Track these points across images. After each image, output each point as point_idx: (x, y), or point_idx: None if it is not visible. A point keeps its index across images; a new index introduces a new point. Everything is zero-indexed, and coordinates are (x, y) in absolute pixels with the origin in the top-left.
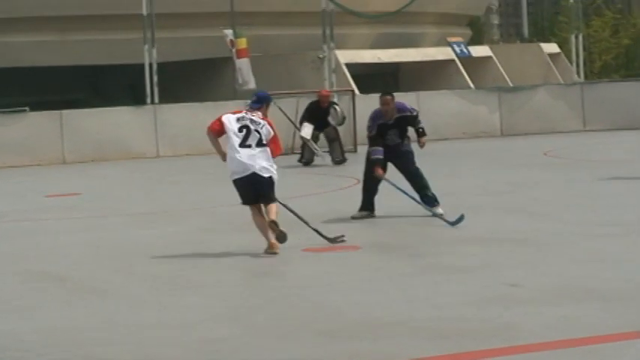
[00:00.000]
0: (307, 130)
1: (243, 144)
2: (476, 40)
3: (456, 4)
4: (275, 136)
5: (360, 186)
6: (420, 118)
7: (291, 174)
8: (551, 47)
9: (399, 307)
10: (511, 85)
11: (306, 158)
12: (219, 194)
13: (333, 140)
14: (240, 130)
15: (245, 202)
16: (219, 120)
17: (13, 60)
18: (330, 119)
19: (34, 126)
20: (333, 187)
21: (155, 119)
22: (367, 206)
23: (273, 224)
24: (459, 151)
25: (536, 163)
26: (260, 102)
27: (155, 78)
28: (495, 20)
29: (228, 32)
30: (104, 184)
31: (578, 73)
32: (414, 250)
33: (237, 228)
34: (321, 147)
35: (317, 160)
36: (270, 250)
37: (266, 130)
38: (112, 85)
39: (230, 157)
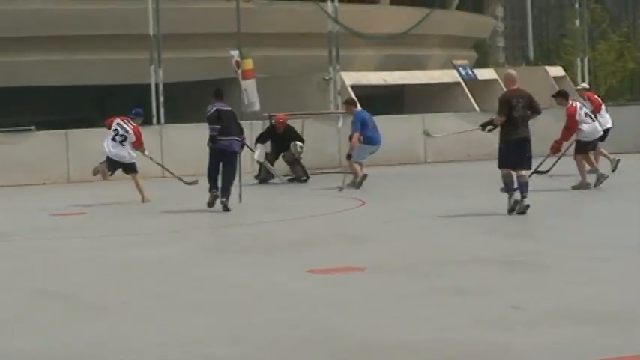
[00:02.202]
0: (259, 152)
1: (114, 139)
2: (481, 63)
3: (461, 27)
4: (137, 140)
5: (362, 207)
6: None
7: (296, 195)
8: (557, 70)
9: (402, 328)
10: None
11: (262, 176)
12: (224, 214)
13: (293, 163)
14: (114, 130)
15: (110, 169)
16: (112, 121)
17: (19, 79)
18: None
19: (40, 145)
20: (338, 209)
21: (161, 139)
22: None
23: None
24: (464, 174)
25: (542, 186)
26: (138, 115)
27: (161, 98)
28: (501, 43)
29: (234, 53)
30: (109, 203)
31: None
32: (418, 271)
33: (242, 248)
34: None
35: (274, 180)
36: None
37: (130, 137)
38: (118, 105)
39: (107, 143)
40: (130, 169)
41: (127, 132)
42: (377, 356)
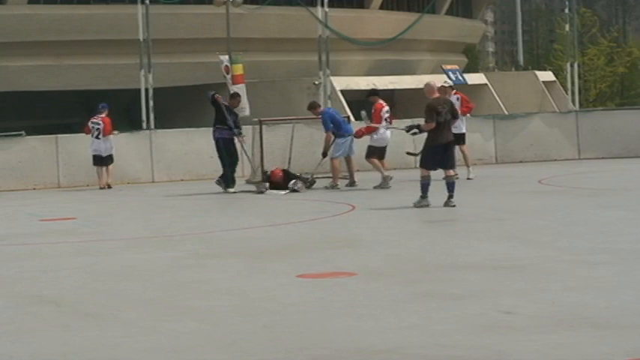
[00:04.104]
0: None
1: (94, 136)
2: (471, 68)
3: (451, 32)
4: (106, 126)
5: (353, 212)
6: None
7: (286, 200)
8: (547, 75)
9: (393, 333)
10: (506, 112)
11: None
12: (214, 219)
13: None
14: (93, 128)
15: (95, 164)
16: (88, 126)
17: (9, 84)
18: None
19: (30, 150)
20: (328, 214)
21: (151, 144)
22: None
23: (108, 178)
24: None
25: (531, 191)
26: (104, 108)
27: (151, 103)
28: (491, 48)
29: (224, 58)
30: (99, 208)
31: (573, 101)
32: (410, 277)
33: (232, 253)
34: None
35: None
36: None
37: (102, 127)
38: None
39: (92, 142)
40: (107, 160)
41: (98, 124)
42: None
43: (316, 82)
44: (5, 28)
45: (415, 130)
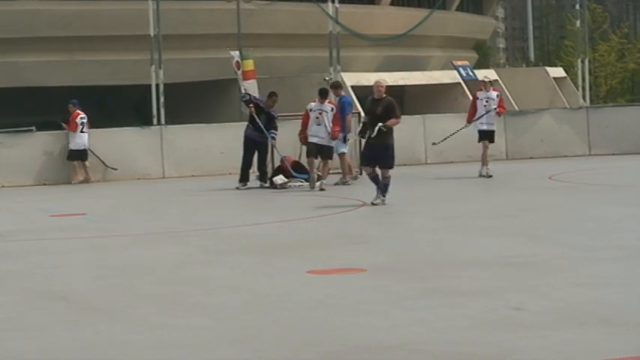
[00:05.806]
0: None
1: (82, 130)
2: (482, 64)
3: (462, 28)
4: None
5: (362, 208)
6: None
7: (295, 196)
8: (557, 71)
9: (402, 330)
10: (517, 108)
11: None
12: (224, 215)
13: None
14: (80, 124)
15: (75, 158)
16: (75, 122)
17: (19, 80)
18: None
19: (40, 146)
20: (337, 210)
21: (161, 140)
22: (245, 177)
23: (88, 171)
24: (464, 175)
25: (541, 187)
26: (78, 104)
27: (162, 99)
28: (501, 44)
29: (235, 54)
30: (109, 204)
31: (583, 97)
32: (419, 273)
33: (241, 249)
34: None
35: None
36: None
37: (86, 121)
38: (118, 106)
39: (73, 137)
40: (86, 154)
41: (84, 117)
42: (375, 358)
43: (326, 78)
44: (16, 23)
45: (383, 128)
